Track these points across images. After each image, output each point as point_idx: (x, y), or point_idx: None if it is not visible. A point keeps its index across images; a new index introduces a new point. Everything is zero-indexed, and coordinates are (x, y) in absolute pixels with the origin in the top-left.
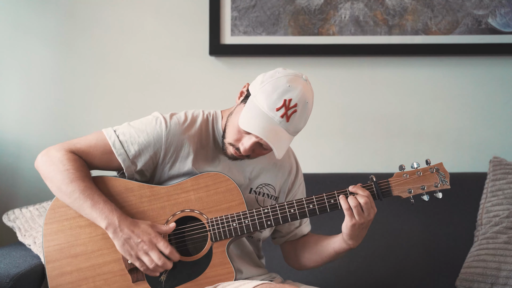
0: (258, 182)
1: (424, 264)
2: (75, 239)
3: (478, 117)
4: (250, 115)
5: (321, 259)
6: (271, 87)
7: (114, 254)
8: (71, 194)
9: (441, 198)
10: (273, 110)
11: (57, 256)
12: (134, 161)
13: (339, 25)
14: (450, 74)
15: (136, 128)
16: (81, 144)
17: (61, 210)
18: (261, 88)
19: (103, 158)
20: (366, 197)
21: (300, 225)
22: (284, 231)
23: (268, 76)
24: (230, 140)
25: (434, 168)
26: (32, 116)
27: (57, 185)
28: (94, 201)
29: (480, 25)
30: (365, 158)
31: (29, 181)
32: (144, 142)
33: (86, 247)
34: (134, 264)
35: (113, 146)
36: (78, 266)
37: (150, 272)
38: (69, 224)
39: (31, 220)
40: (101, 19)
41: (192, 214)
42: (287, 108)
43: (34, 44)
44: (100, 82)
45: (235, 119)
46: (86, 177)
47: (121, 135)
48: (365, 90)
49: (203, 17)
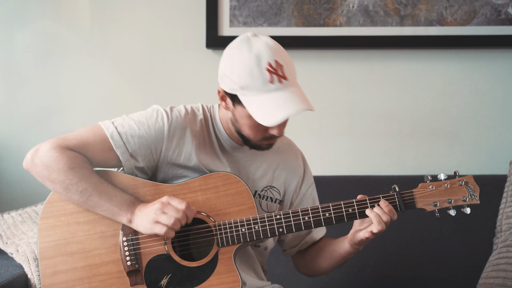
0: (263, 184)
1: (439, 274)
2: (72, 236)
3: (497, 115)
4: (262, 110)
5: (330, 264)
6: (244, 71)
7: (113, 255)
8: (83, 193)
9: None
10: (268, 85)
11: (51, 253)
12: (133, 155)
13: (346, 15)
14: (466, 68)
15: (136, 120)
16: (77, 139)
17: (58, 204)
18: (238, 81)
19: (101, 153)
20: (387, 215)
21: (311, 232)
22: (293, 243)
23: (229, 66)
24: (259, 137)
25: (462, 180)
26: (14, 114)
27: (63, 186)
28: (109, 195)
29: (500, 15)
30: (374, 159)
31: (12, 184)
32: (144, 135)
33: (83, 245)
34: (156, 231)
35: (111, 138)
36: (74, 265)
37: (171, 232)
38: (66, 220)
39: (14, 227)
40: (89, 8)
41: (199, 216)
42: (274, 72)
43: (15, 34)
44: (88, 77)
45: (248, 121)
46: (93, 173)
47: (120, 127)
48: (375, 86)
49: (200, 7)
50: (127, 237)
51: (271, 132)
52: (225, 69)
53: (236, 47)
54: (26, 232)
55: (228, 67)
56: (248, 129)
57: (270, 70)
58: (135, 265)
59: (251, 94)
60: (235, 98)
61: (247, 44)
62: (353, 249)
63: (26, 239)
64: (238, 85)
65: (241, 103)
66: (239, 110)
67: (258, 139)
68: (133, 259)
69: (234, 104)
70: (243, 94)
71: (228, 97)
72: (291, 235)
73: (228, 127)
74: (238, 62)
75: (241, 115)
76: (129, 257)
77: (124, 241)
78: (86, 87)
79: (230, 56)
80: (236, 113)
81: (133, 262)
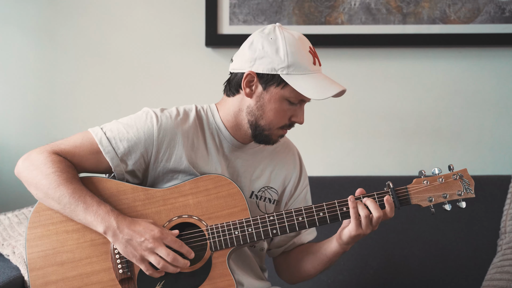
0: (261, 185)
1: (442, 276)
2: (61, 245)
3: (501, 114)
4: (311, 87)
5: (313, 267)
6: (293, 50)
7: (104, 263)
8: (60, 199)
9: (464, 207)
10: (313, 66)
11: (41, 264)
12: (123, 159)
13: (348, 13)
14: (470, 67)
15: (125, 124)
16: (66, 145)
17: (46, 213)
18: (285, 59)
19: (91, 158)
20: (381, 213)
21: (300, 234)
22: (281, 242)
23: (271, 46)
24: (281, 124)
25: (457, 174)
26: (10, 114)
27: (43, 191)
28: (86, 204)
29: (504, 13)
30: (377, 159)
31: (8, 185)
32: (133, 138)
33: (73, 254)
34: (141, 268)
35: (100, 144)
36: (64, 275)
37: (158, 274)
38: (55, 229)
39: (10, 228)
40: (86, 6)
41: (190, 221)
42: (315, 55)
43: (12, 33)
44: (85, 76)
45: (277, 105)
46: (74, 179)
47: (109, 132)
48: (377, 85)
49: (199, 4)
50: None
51: (293, 119)
52: (266, 50)
53: (273, 32)
54: (23, 233)
55: (271, 47)
56: (273, 115)
57: (312, 52)
58: (127, 273)
59: (297, 73)
60: (271, 79)
61: (283, 30)
62: (341, 248)
63: (22, 240)
64: (285, 64)
65: (279, 84)
66: (272, 92)
67: (276, 128)
68: (125, 266)
69: (266, 87)
70: (289, 73)
71: (259, 80)
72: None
73: (234, 124)
74: (285, 42)
75: (273, 98)
76: (120, 265)
77: (115, 248)
78: (84, 86)
79: (269, 38)
80: (265, 97)
81: (125, 270)
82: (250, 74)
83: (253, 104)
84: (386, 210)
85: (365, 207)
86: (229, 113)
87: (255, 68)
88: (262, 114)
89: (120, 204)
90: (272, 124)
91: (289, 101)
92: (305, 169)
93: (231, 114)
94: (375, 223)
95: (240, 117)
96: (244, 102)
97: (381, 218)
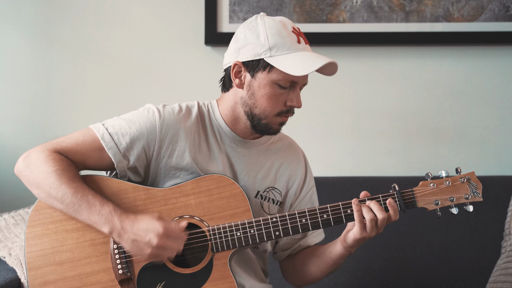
0: (266, 185)
1: (445, 278)
2: (61, 244)
3: (505, 114)
4: (294, 64)
5: (319, 270)
6: (272, 32)
7: (103, 263)
8: (63, 199)
9: (471, 211)
10: (297, 44)
11: (40, 263)
12: (126, 154)
13: (350, 11)
14: (474, 65)
15: (127, 119)
16: (67, 143)
17: (46, 212)
18: (266, 42)
19: (93, 155)
20: (386, 215)
21: (306, 236)
22: (286, 246)
23: (252, 33)
24: (276, 110)
25: (465, 177)
26: (6, 113)
27: (46, 190)
28: (89, 203)
29: (508, 11)
30: (379, 159)
31: (4, 185)
32: (136, 133)
33: (72, 254)
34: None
35: (102, 140)
36: (63, 275)
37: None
38: (54, 228)
39: (6, 230)
40: (83, 4)
41: (192, 221)
42: (299, 34)
43: (9, 31)
44: (83, 75)
45: (268, 90)
46: (75, 177)
47: (111, 127)
48: (379, 83)
49: (198, 2)
50: (118, 245)
51: (289, 104)
52: (247, 38)
53: (254, 20)
54: (19, 235)
55: (252, 34)
56: (266, 101)
57: (296, 32)
58: (127, 274)
59: (280, 54)
60: (257, 65)
61: (265, 17)
62: (346, 251)
63: (19, 242)
64: (267, 46)
65: (265, 68)
66: (259, 78)
67: (274, 114)
68: (125, 267)
69: (254, 74)
70: (272, 55)
71: (246, 68)
72: (286, 238)
73: (232, 118)
74: (264, 26)
75: (262, 84)
76: (120, 265)
77: (115, 248)
78: (82, 85)
79: (250, 26)
80: (254, 85)
81: (125, 271)
82: (236, 64)
83: (245, 94)
84: (390, 213)
85: (370, 210)
86: (226, 107)
87: (240, 57)
88: (255, 103)
89: (121, 204)
90: (267, 111)
91: (279, 85)
92: (311, 170)
93: (228, 108)
94: (380, 226)
95: (237, 110)
96: (237, 95)
97: (385, 220)
